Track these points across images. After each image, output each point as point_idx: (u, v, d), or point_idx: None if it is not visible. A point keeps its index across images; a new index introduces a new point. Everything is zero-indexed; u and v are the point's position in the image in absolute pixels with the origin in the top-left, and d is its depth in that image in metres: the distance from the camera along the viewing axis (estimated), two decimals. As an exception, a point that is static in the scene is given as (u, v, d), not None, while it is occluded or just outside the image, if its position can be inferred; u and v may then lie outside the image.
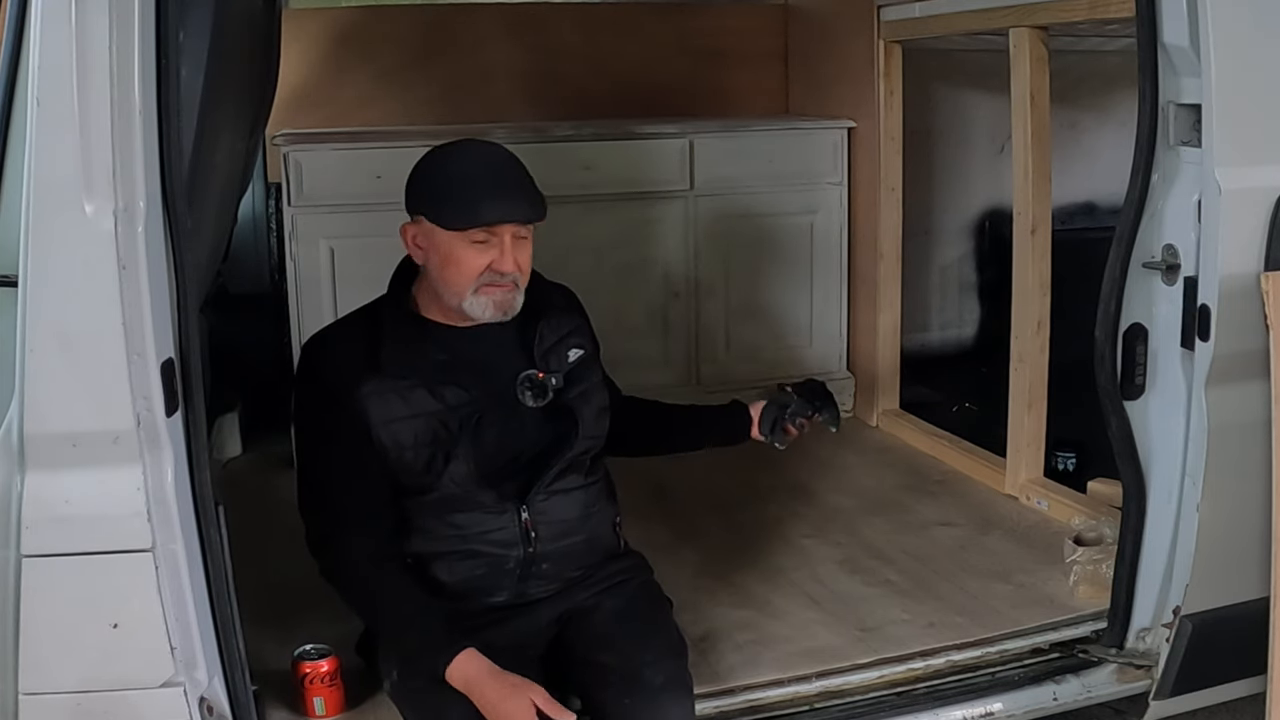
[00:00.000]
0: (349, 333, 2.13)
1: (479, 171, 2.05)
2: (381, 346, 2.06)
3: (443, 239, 2.02)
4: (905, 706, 2.30)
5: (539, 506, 2.10)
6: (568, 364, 2.16)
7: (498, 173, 2.06)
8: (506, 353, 2.12)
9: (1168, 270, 2.24)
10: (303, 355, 2.16)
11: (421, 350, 2.08)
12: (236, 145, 2.77)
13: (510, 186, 2.04)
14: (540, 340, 2.14)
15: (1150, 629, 2.37)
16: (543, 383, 2.11)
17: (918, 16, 3.43)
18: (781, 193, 3.83)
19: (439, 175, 2.06)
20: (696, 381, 3.85)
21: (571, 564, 2.15)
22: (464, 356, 2.09)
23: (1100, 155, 4.19)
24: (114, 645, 1.86)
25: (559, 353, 2.16)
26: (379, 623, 2.09)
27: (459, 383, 2.07)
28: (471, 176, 2.04)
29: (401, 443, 2.04)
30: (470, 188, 2.02)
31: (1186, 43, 2.12)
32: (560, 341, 2.17)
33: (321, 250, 3.46)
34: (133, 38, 1.72)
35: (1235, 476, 2.22)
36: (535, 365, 2.12)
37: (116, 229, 1.74)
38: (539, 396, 2.11)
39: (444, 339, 2.10)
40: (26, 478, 1.79)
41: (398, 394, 2.03)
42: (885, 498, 3.24)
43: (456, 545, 2.09)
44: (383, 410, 2.03)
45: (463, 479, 2.05)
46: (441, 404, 2.05)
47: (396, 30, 3.95)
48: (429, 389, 2.05)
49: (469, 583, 2.10)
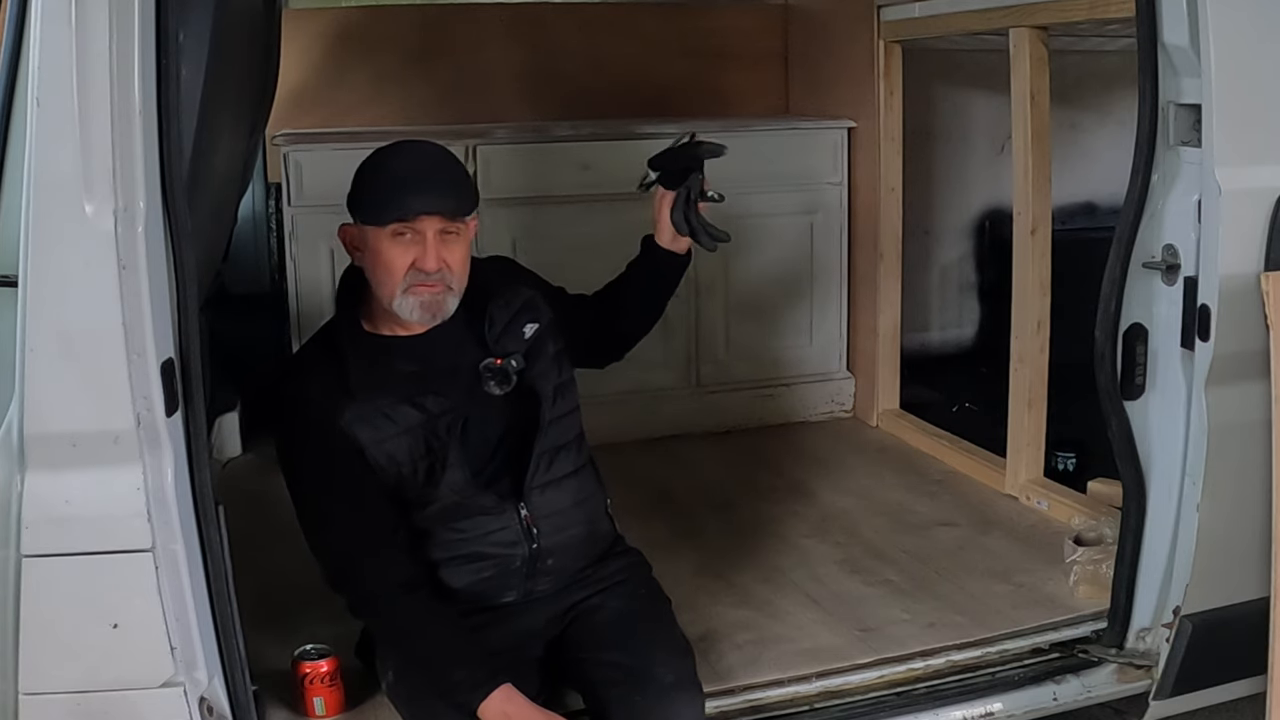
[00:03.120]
0: (314, 362, 2.10)
1: (405, 167, 2.03)
2: (349, 370, 2.03)
3: (371, 237, 2.01)
4: (905, 706, 2.30)
5: (535, 501, 2.09)
6: (525, 341, 2.12)
7: (423, 168, 2.03)
8: (466, 347, 2.09)
9: (1168, 270, 2.24)
10: (277, 397, 2.08)
11: (388, 365, 2.05)
12: (236, 145, 2.78)
13: (433, 181, 2.01)
14: (491, 324, 2.10)
15: (1150, 629, 2.37)
16: (502, 368, 2.07)
17: (918, 16, 3.43)
18: (781, 193, 3.82)
19: (369, 173, 2.05)
20: (697, 382, 3.84)
21: (576, 556, 2.15)
22: (430, 362, 2.07)
23: (1100, 155, 4.19)
24: (114, 645, 1.85)
25: (514, 332, 2.12)
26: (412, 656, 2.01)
27: (435, 390, 2.05)
28: (397, 172, 2.02)
29: (397, 459, 2.02)
30: (393, 183, 2.00)
31: (1186, 43, 2.12)
32: (514, 320, 2.13)
33: (321, 250, 3.45)
34: (133, 38, 1.72)
35: (1235, 476, 2.22)
36: (491, 352, 2.09)
37: (116, 229, 1.73)
38: (503, 383, 2.07)
39: (406, 349, 2.07)
40: (26, 478, 1.79)
41: (381, 413, 2.01)
42: (885, 498, 3.24)
43: (462, 550, 2.08)
44: (372, 432, 2.01)
45: (460, 486, 2.04)
46: (425, 414, 2.03)
47: (396, 30, 3.95)
48: (410, 402, 2.03)
49: (479, 585, 2.10)
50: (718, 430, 3.75)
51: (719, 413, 3.80)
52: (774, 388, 3.91)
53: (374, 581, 1.99)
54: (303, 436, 2.04)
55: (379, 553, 2.00)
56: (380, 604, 2.00)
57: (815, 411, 3.95)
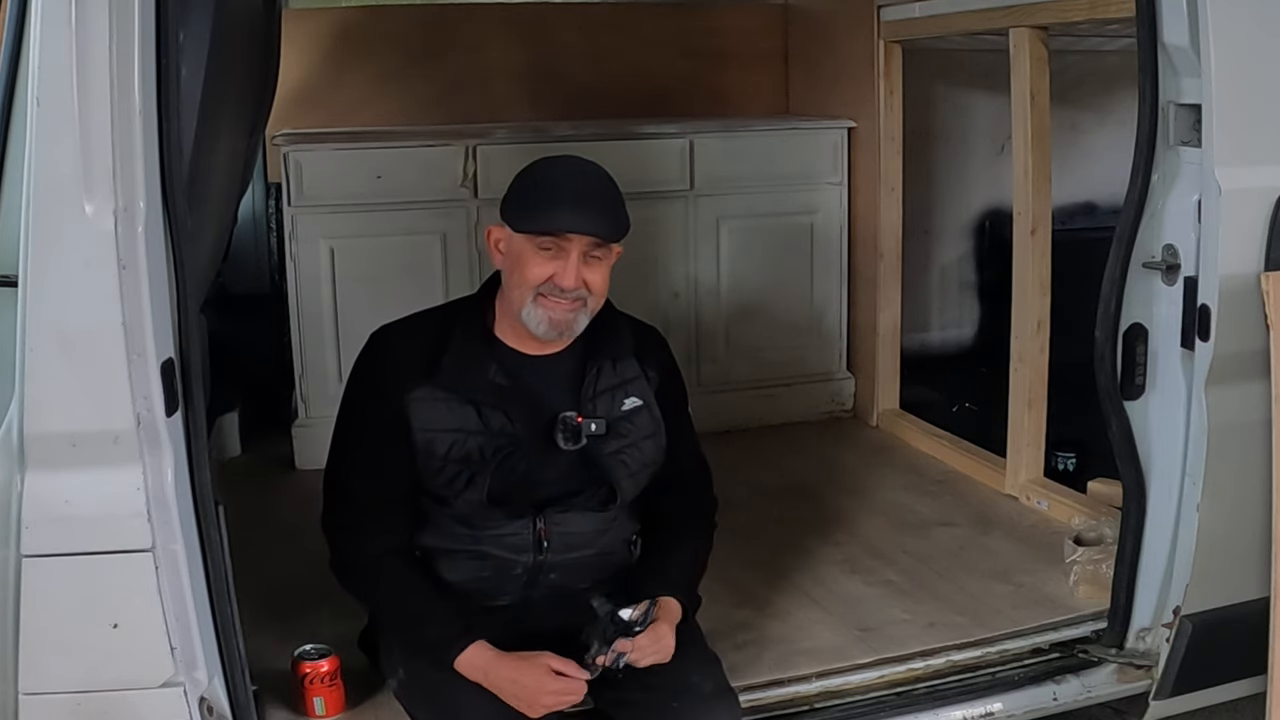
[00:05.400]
0: (416, 332, 2.09)
1: (564, 181, 2.01)
2: (444, 354, 2.03)
3: (516, 243, 1.99)
4: (905, 706, 2.30)
5: (555, 518, 2.08)
6: (619, 412, 2.08)
7: (582, 187, 2.01)
8: (560, 389, 2.07)
9: (1168, 270, 2.24)
10: (367, 344, 2.11)
11: (482, 367, 2.04)
12: (236, 145, 2.78)
13: (589, 201, 1.98)
14: (597, 380, 2.07)
15: (1150, 629, 2.37)
16: (578, 427, 2.04)
17: (918, 16, 3.43)
18: (781, 193, 3.82)
19: (529, 180, 2.03)
20: (697, 382, 3.84)
21: (581, 576, 2.12)
22: (520, 384, 2.05)
23: (1100, 155, 4.19)
24: (114, 645, 1.85)
25: (613, 398, 2.08)
26: (388, 612, 2.07)
27: (507, 411, 2.03)
28: (556, 184, 2.00)
29: (435, 452, 2.02)
30: (550, 195, 1.98)
31: (1186, 43, 2.12)
32: (621, 386, 2.09)
33: (321, 250, 3.45)
34: (133, 38, 1.72)
35: (1235, 476, 2.22)
36: (580, 406, 2.06)
37: (116, 229, 1.73)
38: (571, 440, 2.04)
39: (507, 361, 2.06)
40: (26, 478, 1.79)
41: (446, 405, 2.01)
42: (885, 498, 3.24)
43: (467, 545, 2.08)
44: (427, 416, 2.01)
45: (475, 505, 2.03)
46: (485, 427, 2.02)
47: (396, 30, 3.95)
48: (477, 409, 2.02)
49: (474, 583, 2.09)
50: (718, 430, 3.74)
51: (719, 413, 3.79)
52: (774, 388, 3.91)
53: (367, 547, 2.02)
54: (365, 391, 2.08)
55: (378, 520, 2.03)
56: (362, 565, 2.04)
57: (815, 411, 3.95)
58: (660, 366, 2.18)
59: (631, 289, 3.71)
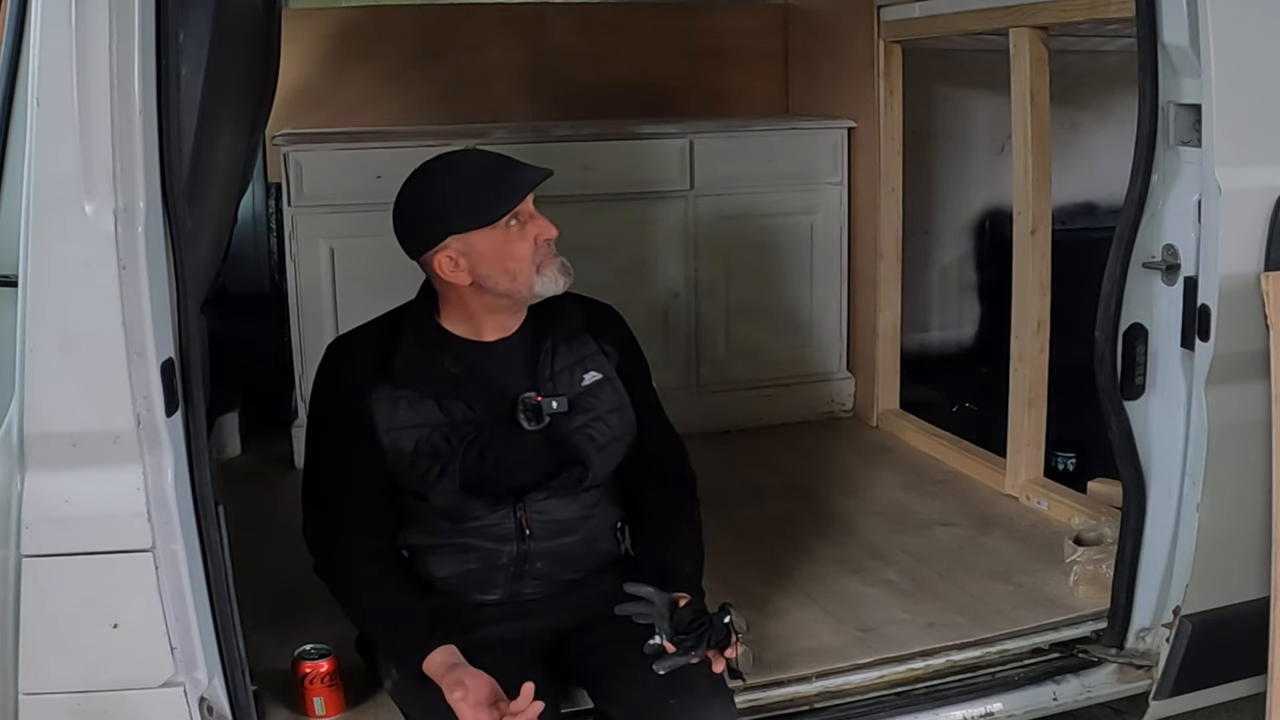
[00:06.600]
0: (369, 337, 2.13)
1: (479, 165, 2.06)
2: (397, 353, 2.05)
3: (482, 242, 2.00)
4: (905, 706, 2.30)
5: (536, 505, 2.09)
6: (580, 388, 2.10)
7: (488, 161, 2.07)
8: (517, 372, 2.09)
9: (1168, 270, 2.24)
10: (324, 356, 2.15)
11: (435, 360, 2.06)
12: (236, 145, 2.78)
13: (507, 165, 2.06)
14: (553, 358, 2.09)
15: (1150, 629, 2.37)
16: (538, 406, 2.06)
17: (918, 16, 3.43)
18: (781, 193, 3.82)
19: (450, 187, 2.03)
20: (697, 382, 3.85)
21: (568, 566, 2.13)
22: (476, 371, 2.07)
23: (1100, 155, 4.18)
24: (114, 645, 1.86)
25: (572, 374, 2.10)
26: (365, 619, 2.08)
27: (466, 399, 2.05)
28: (478, 172, 2.04)
29: (402, 450, 2.03)
30: (487, 180, 2.02)
31: (1186, 42, 2.12)
32: (579, 362, 2.11)
33: (321, 250, 3.46)
34: (133, 38, 1.72)
35: (1235, 476, 2.22)
36: (538, 386, 2.08)
37: (116, 229, 1.74)
38: (534, 420, 2.06)
39: (459, 351, 2.08)
40: (26, 478, 1.79)
41: (407, 402, 2.04)
42: (885, 498, 3.24)
43: (452, 538, 2.08)
44: (390, 416, 2.03)
45: (450, 495, 2.04)
46: (446, 417, 2.04)
47: (396, 30, 3.95)
48: (437, 401, 2.04)
49: (462, 578, 2.10)
50: (718, 430, 3.74)
51: (719, 413, 3.80)
52: (774, 388, 3.91)
53: (348, 553, 2.04)
54: (330, 400, 2.10)
55: (359, 530, 2.05)
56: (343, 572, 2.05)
57: (815, 411, 3.95)
58: (618, 343, 2.19)
59: (631, 289, 3.73)
